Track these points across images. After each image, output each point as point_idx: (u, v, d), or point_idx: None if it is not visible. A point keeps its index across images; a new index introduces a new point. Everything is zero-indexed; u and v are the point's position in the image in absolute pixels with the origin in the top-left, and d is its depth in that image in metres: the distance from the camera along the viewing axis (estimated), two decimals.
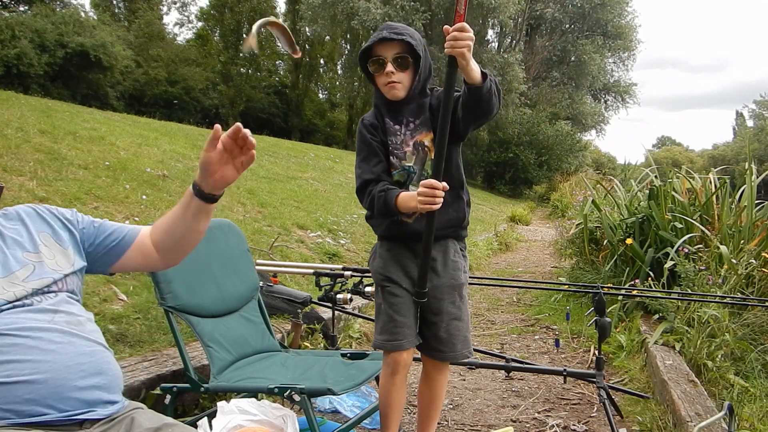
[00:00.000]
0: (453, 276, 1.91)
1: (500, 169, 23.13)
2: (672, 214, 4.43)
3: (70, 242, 1.43)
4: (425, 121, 1.87)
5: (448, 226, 1.90)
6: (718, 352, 3.03)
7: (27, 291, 1.29)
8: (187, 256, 1.56)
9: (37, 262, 1.34)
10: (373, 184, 1.86)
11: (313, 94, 32.93)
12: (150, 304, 2.89)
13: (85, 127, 7.01)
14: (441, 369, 1.99)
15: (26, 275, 1.31)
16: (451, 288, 1.91)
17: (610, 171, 20.40)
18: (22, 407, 1.19)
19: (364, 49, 1.85)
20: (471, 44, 1.55)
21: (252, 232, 4.86)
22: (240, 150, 1.35)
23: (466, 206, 1.94)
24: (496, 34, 29.33)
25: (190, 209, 1.42)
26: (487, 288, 5.75)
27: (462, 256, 1.96)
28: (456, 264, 1.92)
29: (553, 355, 3.78)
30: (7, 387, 1.18)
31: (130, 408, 1.36)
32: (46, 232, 1.41)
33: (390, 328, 1.88)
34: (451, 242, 1.93)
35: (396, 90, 1.82)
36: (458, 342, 1.92)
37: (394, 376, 1.90)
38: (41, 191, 4.00)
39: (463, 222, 1.93)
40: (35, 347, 1.23)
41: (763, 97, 50.89)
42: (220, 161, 1.35)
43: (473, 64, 1.60)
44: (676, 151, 65.24)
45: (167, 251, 1.51)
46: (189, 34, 32.41)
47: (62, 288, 1.36)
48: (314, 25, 25.31)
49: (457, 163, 1.91)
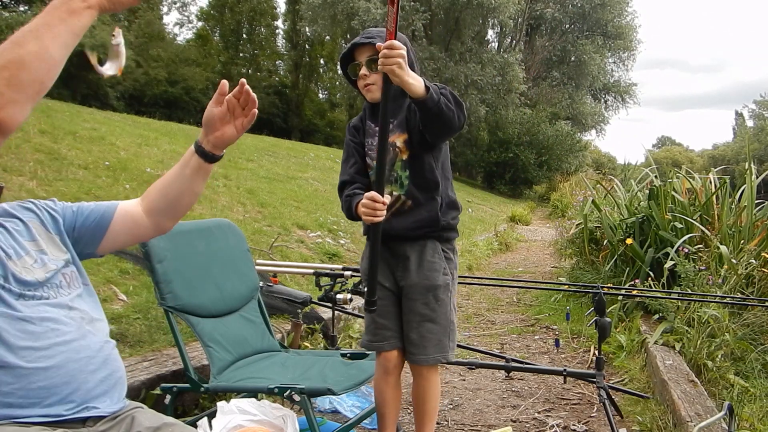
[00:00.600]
0: (427, 277, 1.87)
1: (500, 169, 23.13)
2: (672, 214, 4.43)
3: (56, 230, 1.42)
4: (401, 122, 1.87)
5: (420, 227, 1.87)
6: (718, 352, 3.03)
7: (37, 278, 1.30)
8: (186, 256, 1.56)
9: (37, 250, 1.35)
10: (347, 186, 1.91)
11: (313, 94, 32.95)
12: (150, 304, 2.89)
13: (85, 127, 7.01)
14: (421, 371, 1.93)
15: (31, 262, 1.32)
16: (424, 289, 1.87)
17: (610, 171, 20.40)
18: (35, 394, 1.20)
19: (343, 57, 1.88)
20: (401, 61, 1.55)
21: (252, 232, 4.86)
22: (242, 110, 1.36)
23: (445, 207, 1.90)
24: (496, 34, 29.40)
25: (189, 167, 1.41)
26: (487, 288, 5.75)
27: (444, 257, 1.91)
28: (432, 265, 1.88)
29: (553, 355, 3.78)
30: (24, 371, 1.20)
31: (130, 407, 1.37)
32: (35, 221, 1.41)
33: (372, 329, 1.93)
34: (430, 243, 1.89)
35: (372, 92, 1.85)
36: (430, 345, 1.87)
37: (386, 375, 1.93)
38: (41, 191, 4.00)
39: (437, 223, 1.87)
40: (52, 338, 1.25)
41: (763, 97, 50.99)
42: (222, 119, 1.37)
43: (410, 78, 1.59)
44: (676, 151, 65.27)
45: (160, 213, 1.47)
46: (189, 34, 32.39)
47: (71, 282, 1.37)
48: (314, 25, 25.33)
49: (431, 165, 1.87)
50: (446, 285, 1.90)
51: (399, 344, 1.92)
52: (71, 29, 1.09)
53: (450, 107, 1.68)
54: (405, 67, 1.57)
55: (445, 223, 1.89)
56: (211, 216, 4.76)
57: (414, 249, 1.88)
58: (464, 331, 4.38)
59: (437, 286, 1.88)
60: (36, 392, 1.21)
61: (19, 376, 1.20)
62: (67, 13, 1.08)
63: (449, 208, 1.92)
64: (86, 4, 1.10)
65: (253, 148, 10.73)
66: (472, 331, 4.40)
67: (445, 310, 1.89)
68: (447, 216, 1.90)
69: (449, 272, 1.91)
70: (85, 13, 1.10)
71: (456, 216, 1.96)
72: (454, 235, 1.96)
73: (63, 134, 5.96)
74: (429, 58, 22.03)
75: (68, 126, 6.59)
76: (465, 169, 26.79)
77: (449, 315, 1.90)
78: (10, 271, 1.25)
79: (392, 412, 1.96)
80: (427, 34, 23.30)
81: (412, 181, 1.87)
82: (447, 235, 1.93)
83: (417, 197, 1.86)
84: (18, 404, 1.20)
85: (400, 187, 1.88)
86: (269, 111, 28.64)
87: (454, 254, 1.96)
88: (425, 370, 1.92)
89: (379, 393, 1.96)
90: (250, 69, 29.54)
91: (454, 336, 1.92)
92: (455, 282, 1.95)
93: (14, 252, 1.29)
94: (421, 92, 1.63)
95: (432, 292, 1.88)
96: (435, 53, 22.41)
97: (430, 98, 1.64)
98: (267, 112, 28.45)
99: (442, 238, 1.92)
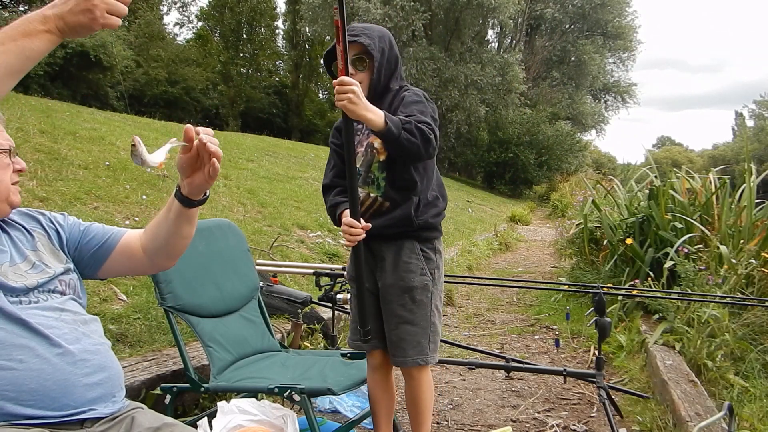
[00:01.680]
0: (402, 278, 1.83)
1: (500, 169, 23.12)
2: (672, 213, 4.43)
3: (58, 243, 1.44)
4: None
5: (393, 225, 1.83)
6: (718, 352, 3.03)
7: (30, 284, 1.30)
8: (187, 256, 1.56)
9: (35, 258, 1.36)
10: (329, 191, 1.93)
11: (313, 94, 32.92)
12: (150, 304, 2.89)
13: (85, 127, 7.00)
14: (410, 372, 1.89)
15: (27, 268, 1.33)
16: (400, 290, 1.84)
17: (610, 171, 20.40)
18: (26, 396, 1.20)
19: (327, 54, 1.86)
20: (352, 96, 1.56)
21: (252, 232, 4.86)
22: (208, 156, 1.26)
23: (423, 207, 1.84)
24: (496, 34, 29.39)
25: (172, 211, 1.38)
26: (487, 288, 5.75)
27: (422, 257, 1.86)
28: (408, 266, 1.84)
29: (553, 355, 3.78)
30: (15, 373, 1.19)
31: (130, 408, 1.37)
32: (39, 231, 1.42)
33: (353, 328, 1.95)
34: (407, 242, 1.85)
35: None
36: (408, 347, 1.83)
37: (372, 373, 1.96)
38: (41, 191, 3.99)
39: (411, 222, 1.82)
40: (46, 339, 1.25)
41: (763, 97, 50.95)
42: (192, 165, 1.30)
43: (367, 113, 1.60)
44: (676, 151, 65.26)
45: (153, 254, 1.47)
46: (189, 34, 32.39)
47: (65, 289, 1.38)
48: (314, 25, 25.31)
49: (408, 166, 1.84)
50: (424, 286, 1.85)
51: (379, 345, 1.91)
52: (22, 50, 1.04)
53: (413, 141, 1.66)
54: (359, 101, 1.58)
55: (422, 222, 1.84)
56: (212, 216, 4.77)
57: (390, 249, 1.85)
58: (464, 331, 4.38)
59: (413, 287, 1.83)
60: (29, 394, 1.20)
61: (11, 378, 1.19)
62: (21, 33, 1.04)
63: (429, 206, 1.87)
64: (45, 27, 1.05)
65: (253, 148, 10.73)
66: (472, 331, 4.40)
67: (424, 311, 1.84)
68: (425, 215, 1.85)
69: (428, 272, 1.86)
70: (43, 36, 1.05)
71: (437, 214, 1.90)
72: (434, 235, 1.91)
73: (63, 134, 5.96)
74: (429, 58, 22.02)
75: (68, 126, 6.59)
76: (465, 169, 26.79)
77: (429, 317, 1.85)
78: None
79: (382, 409, 1.98)
80: (427, 34, 23.28)
81: (389, 183, 1.83)
82: (426, 235, 1.88)
83: (394, 198, 1.83)
84: (13, 401, 1.19)
85: (377, 188, 1.85)
86: (269, 111, 28.66)
87: (435, 254, 1.90)
88: (414, 371, 1.88)
89: (370, 390, 2.00)
90: (250, 69, 29.52)
91: (435, 338, 1.87)
92: (437, 282, 1.89)
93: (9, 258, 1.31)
94: (380, 126, 1.62)
95: (408, 293, 1.84)
96: (435, 53, 22.38)
97: (388, 132, 1.63)
98: (267, 112, 28.48)
99: (421, 237, 1.87)
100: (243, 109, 27.42)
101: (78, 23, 1.06)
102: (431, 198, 1.89)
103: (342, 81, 1.57)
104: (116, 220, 4.09)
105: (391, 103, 1.83)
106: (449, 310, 5.12)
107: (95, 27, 1.07)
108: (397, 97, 1.84)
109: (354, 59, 1.79)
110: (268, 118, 28.02)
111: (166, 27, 31.03)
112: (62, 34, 1.07)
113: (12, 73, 1.04)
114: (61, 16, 1.05)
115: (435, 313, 1.87)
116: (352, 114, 1.60)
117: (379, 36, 1.83)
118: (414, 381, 1.90)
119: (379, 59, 1.80)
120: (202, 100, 26.07)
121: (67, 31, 1.07)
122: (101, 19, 1.06)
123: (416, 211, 1.83)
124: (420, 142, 1.67)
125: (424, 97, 1.84)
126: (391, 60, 1.85)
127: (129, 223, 4.10)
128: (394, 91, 1.86)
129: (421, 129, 1.68)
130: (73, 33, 1.08)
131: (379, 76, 1.81)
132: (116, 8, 1.07)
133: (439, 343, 1.90)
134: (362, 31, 1.80)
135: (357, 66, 1.80)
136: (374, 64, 1.80)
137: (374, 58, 1.79)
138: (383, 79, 1.83)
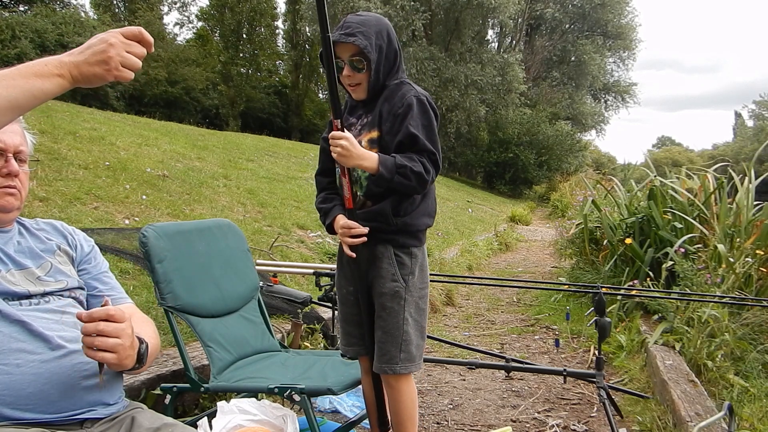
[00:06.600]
0: (372, 283, 1.78)
1: (500, 169, 23.12)
2: (672, 213, 4.44)
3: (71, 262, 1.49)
4: (374, 119, 1.78)
5: (370, 218, 1.74)
6: (717, 352, 3.03)
7: (39, 290, 1.33)
8: (186, 256, 1.58)
9: (53, 264, 1.41)
10: (319, 188, 1.94)
11: (313, 94, 32.88)
12: (150, 304, 2.89)
13: (85, 127, 7.01)
14: (387, 380, 1.83)
15: (42, 274, 1.37)
16: (371, 296, 1.80)
17: (610, 171, 20.38)
18: (24, 401, 1.20)
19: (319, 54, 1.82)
20: (341, 150, 1.65)
21: (252, 232, 4.86)
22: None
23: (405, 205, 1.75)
24: (496, 34, 29.38)
25: None
26: (487, 288, 5.76)
27: (396, 262, 1.76)
28: (379, 270, 1.77)
29: (553, 355, 3.78)
30: (13, 378, 1.20)
31: (130, 408, 1.37)
32: (62, 243, 1.49)
33: (341, 333, 1.96)
34: (380, 246, 1.76)
35: (357, 92, 1.82)
36: (379, 354, 1.77)
37: (366, 376, 1.96)
38: (41, 191, 4.00)
39: (387, 218, 1.73)
40: (46, 342, 1.26)
41: (763, 97, 50.90)
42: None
43: (360, 161, 1.67)
44: (676, 151, 65.17)
45: None
46: (189, 34, 32.36)
47: (71, 296, 1.41)
48: (314, 25, 25.29)
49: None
50: (395, 293, 1.75)
51: (363, 351, 1.88)
52: (30, 88, 1.04)
53: (406, 183, 1.68)
54: (351, 151, 1.65)
55: (401, 223, 1.75)
56: (211, 216, 4.77)
57: (363, 252, 1.76)
58: (464, 331, 4.38)
59: (381, 293, 1.76)
60: (26, 398, 1.21)
61: (8, 383, 1.20)
62: (34, 73, 1.05)
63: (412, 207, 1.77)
64: (58, 72, 1.07)
65: (253, 148, 10.73)
66: (472, 331, 4.41)
67: (394, 320, 1.75)
68: (405, 216, 1.76)
69: (400, 279, 1.76)
70: (54, 79, 1.07)
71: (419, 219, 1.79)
72: (413, 243, 1.80)
73: (63, 134, 5.96)
74: (429, 58, 22.01)
75: (68, 126, 6.59)
76: (465, 169, 26.77)
77: (402, 325, 1.75)
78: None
79: (374, 411, 1.99)
80: (427, 34, 23.28)
81: (372, 182, 1.76)
82: (403, 240, 1.78)
83: (377, 197, 1.77)
84: (10, 405, 1.20)
85: (360, 187, 1.79)
86: (269, 111, 28.63)
87: (411, 259, 1.79)
88: (390, 380, 1.81)
89: (364, 393, 2.02)
90: (250, 69, 29.49)
91: (409, 347, 1.76)
92: (412, 290, 1.78)
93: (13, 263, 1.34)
94: (372, 171, 1.68)
95: (378, 299, 1.78)
96: (435, 53, 22.38)
97: (380, 177, 1.68)
98: (267, 112, 28.45)
99: (397, 242, 1.77)
100: (243, 109, 27.39)
101: (92, 74, 1.08)
102: (417, 201, 1.79)
103: (333, 136, 1.67)
104: (116, 219, 4.09)
105: (386, 99, 1.77)
106: (449, 310, 5.12)
107: (108, 78, 1.09)
108: (396, 94, 1.77)
109: (351, 61, 1.74)
110: (268, 118, 27.99)
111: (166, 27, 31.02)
112: (75, 81, 1.09)
113: (14, 108, 1.04)
114: (76, 65, 1.07)
115: (408, 321, 1.76)
116: (346, 164, 1.69)
117: (376, 32, 1.75)
118: (391, 390, 1.83)
119: (376, 59, 1.74)
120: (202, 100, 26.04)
121: (80, 80, 1.09)
122: (115, 71, 1.08)
123: (396, 209, 1.74)
124: (415, 184, 1.69)
125: (428, 101, 1.77)
126: (390, 56, 1.78)
127: (129, 223, 4.10)
128: (392, 86, 1.79)
129: (418, 173, 1.67)
130: (86, 82, 1.10)
131: (377, 75, 1.76)
132: (131, 62, 1.09)
133: (416, 353, 1.79)
134: (357, 29, 1.73)
135: (354, 67, 1.75)
136: (371, 66, 1.74)
137: (371, 61, 1.73)
138: (382, 77, 1.78)
